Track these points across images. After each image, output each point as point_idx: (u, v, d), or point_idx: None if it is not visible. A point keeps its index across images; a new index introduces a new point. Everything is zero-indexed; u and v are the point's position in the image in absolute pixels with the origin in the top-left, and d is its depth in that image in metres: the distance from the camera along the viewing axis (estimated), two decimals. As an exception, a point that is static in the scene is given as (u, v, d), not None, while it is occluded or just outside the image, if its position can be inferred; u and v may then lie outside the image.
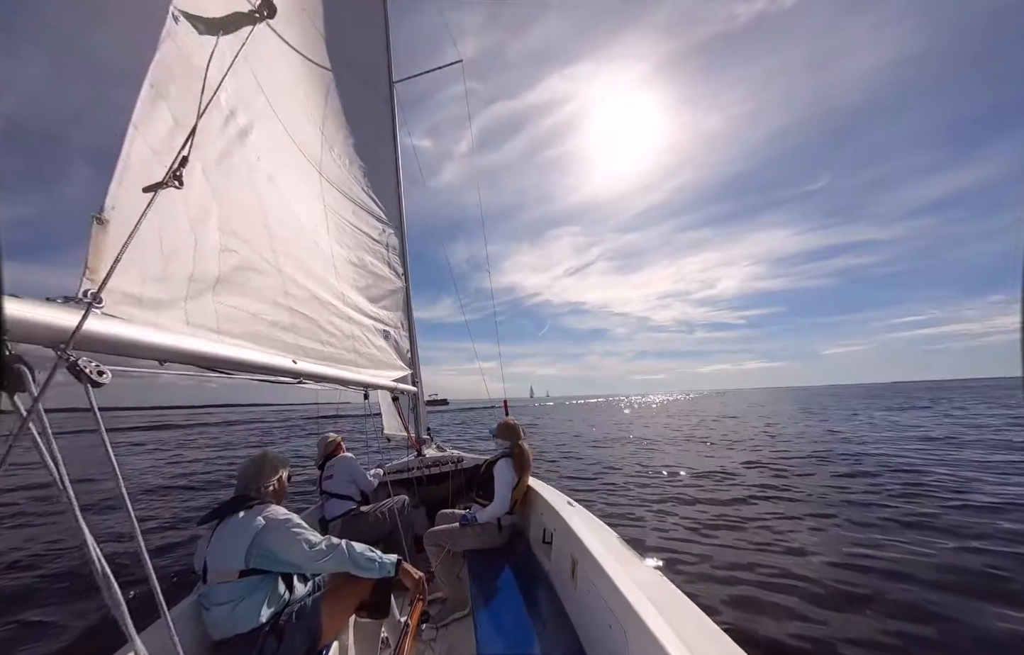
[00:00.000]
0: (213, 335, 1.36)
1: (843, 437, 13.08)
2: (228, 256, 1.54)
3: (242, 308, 1.57)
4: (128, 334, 0.93)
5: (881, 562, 4.04)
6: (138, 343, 0.96)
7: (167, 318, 1.19)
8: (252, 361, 1.37)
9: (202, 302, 1.35)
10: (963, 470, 7.64)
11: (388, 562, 1.79)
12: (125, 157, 1.10)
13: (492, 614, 2.04)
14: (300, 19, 2.89)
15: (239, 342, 1.48)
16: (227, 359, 1.26)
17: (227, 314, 1.47)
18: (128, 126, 1.15)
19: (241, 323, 1.55)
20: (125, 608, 0.93)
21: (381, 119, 4.21)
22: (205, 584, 1.60)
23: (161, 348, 1.02)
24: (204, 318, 1.35)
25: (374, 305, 3.36)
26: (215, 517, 1.70)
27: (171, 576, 4.28)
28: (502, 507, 2.72)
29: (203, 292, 1.36)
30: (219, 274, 1.46)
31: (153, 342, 1.00)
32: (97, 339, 0.85)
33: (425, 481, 4.00)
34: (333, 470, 3.26)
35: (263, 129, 2.11)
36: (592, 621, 1.76)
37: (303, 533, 1.66)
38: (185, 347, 1.10)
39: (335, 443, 3.44)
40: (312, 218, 2.61)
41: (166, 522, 6.60)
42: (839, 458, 9.48)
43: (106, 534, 5.85)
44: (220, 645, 1.58)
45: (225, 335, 1.42)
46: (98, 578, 0.89)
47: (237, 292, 1.56)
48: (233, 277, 1.55)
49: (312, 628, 1.68)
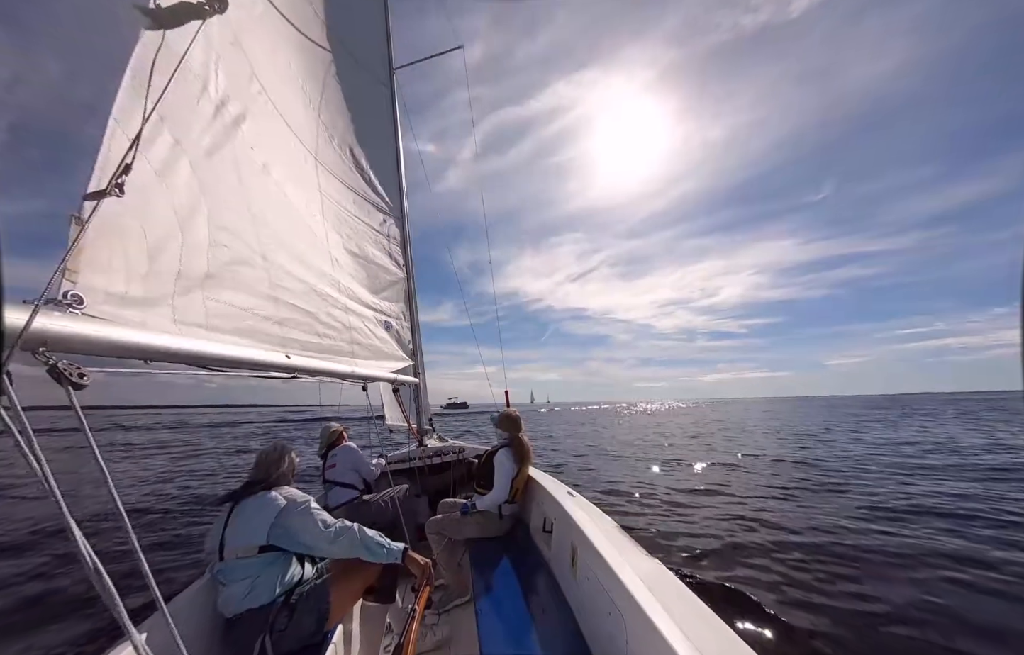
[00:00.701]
0: (202, 332, 1.35)
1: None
2: (218, 251, 1.52)
3: (233, 303, 1.56)
4: (108, 334, 0.92)
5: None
6: (120, 343, 0.95)
7: (153, 316, 1.18)
8: (243, 358, 1.36)
9: (190, 299, 1.34)
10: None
11: (396, 548, 1.84)
12: (105, 153, 1.08)
13: (493, 601, 2.06)
14: (298, 2, 2.82)
15: (230, 338, 1.47)
16: (216, 356, 1.25)
17: (217, 310, 1.45)
18: (109, 119, 1.12)
19: (232, 319, 1.54)
20: (119, 601, 0.94)
21: (382, 107, 4.14)
22: (222, 560, 1.66)
23: (144, 347, 1.01)
24: (193, 315, 1.34)
25: (375, 296, 3.35)
26: (231, 499, 1.77)
27: (171, 567, 4.38)
28: (501, 495, 2.74)
29: (191, 289, 1.35)
30: (208, 270, 1.45)
31: (136, 342, 0.99)
32: (73, 340, 0.83)
33: (427, 471, 4.03)
34: (336, 459, 3.30)
35: (258, 118, 2.08)
36: (591, 609, 1.78)
37: (319, 514, 1.74)
38: (170, 346, 1.08)
39: (338, 432, 3.47)
40: (310, 208, 2.58)
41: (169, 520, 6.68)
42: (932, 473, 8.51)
43: (107, 537, 5.64)
44: (233, 621, 1.63)
45: (215, 332, 1.41)
46: (89, 572, 0.90)
47: (228, 287, 1.55)
48: (223, 272, 1.53)
49: (321, 608, 1.74)
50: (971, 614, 3.31)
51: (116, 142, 1.10)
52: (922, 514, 5.83)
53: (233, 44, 1.97)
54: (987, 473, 8.52)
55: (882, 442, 14.48)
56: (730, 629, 1.31)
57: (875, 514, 5.86)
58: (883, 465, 9.75)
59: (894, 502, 6.42)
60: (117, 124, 1.13)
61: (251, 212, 1.82)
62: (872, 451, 12.20)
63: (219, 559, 1.66)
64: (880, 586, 3.76)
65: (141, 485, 9.35)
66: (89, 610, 3.60)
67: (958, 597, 3.57)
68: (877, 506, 6.23)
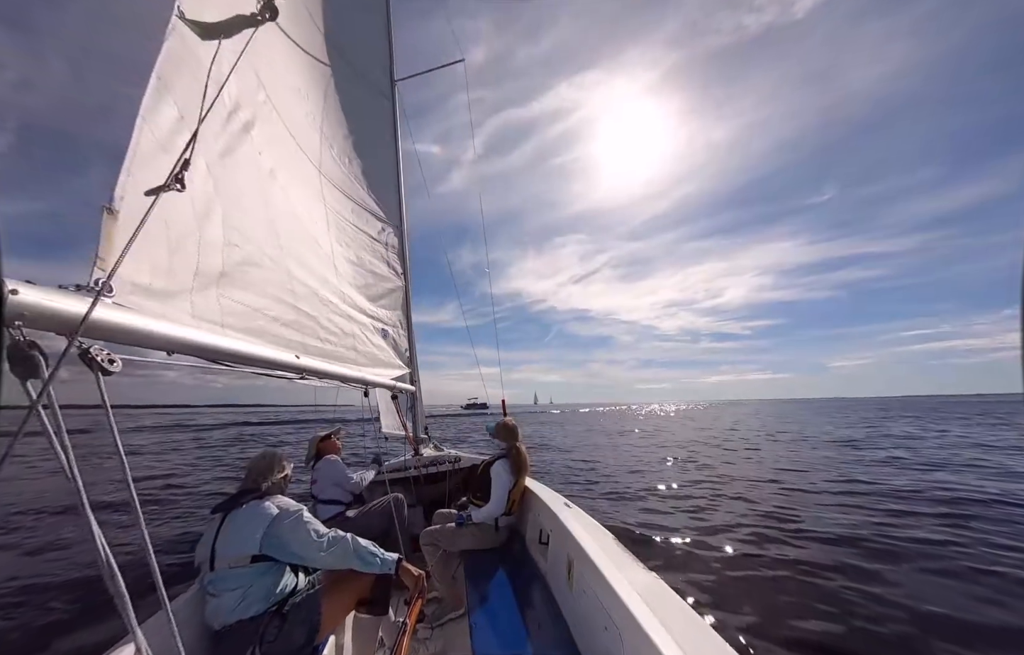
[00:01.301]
0: (217, 328, 1.36)
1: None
2: (231, 251, 1.54)
3: (245, 303, 1.57)
4: (137, 323, 0.93)
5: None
6: (147, 332, 0.96)
7: (174, 310, 1.19)
8: (256, 355, 1.38)
9: (207, 295, 1.35)
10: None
11: (390, 559, 1.82)
12: (134, 148, 1.10)
13: (487, 614, 2.04)
14: (301, 15, 2.89)
15: (242, 336, 1.48)
16: (232, 352, 1.26)
17: (231, 308, 1.47)
18: (136, 117, 1.15)
19: (244, 317, 1.55)
20: (128, 599, 0.93)
21: (382, 118, 4.21)
22: (212, 571, 1.62)
23: (169, 338, 1.02)
24: (209, 311, 1.35)
25: (373, 304, 3.36)
26: (222, 509, 1.74)
27: (174, 568, 4.24)
28: (497, 509, 2.71)
29: (207, 286, 1.36)
30: (223, 268, 1.46)
31: (161, 332, 1.00)
32: (107, 327, 0.85)
33: (422, 480, 3.98)
34: (317, 475, 3.21)
35: (264, 125, 2.11)
36: (587, 622, 1.76)
37: (312, 524, 1.72)
38: (192, 339, 1.10)
39: (325, 440, 3.38)
40: (312, 216, 2.60)
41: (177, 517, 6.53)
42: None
43: (116, 527, 5.78)
44: (222, 632, 1.59)
45: (229, 329, 1.42)
46: (103, 569, 0.89)
47: (240, 287, 1.56)
48: (236, 272, 1.55)
49: (313, 619, 1.70)
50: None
51: (144, 139, 1.13)
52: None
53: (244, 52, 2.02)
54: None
55: (960, 443, 13.08)
56: (728, 645, 1.32)
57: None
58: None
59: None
60: (144, 123, 1.16)
61: (260, 215, 1.84)
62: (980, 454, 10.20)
63: (210, 569, 1.63)
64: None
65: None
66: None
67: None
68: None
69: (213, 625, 1.61)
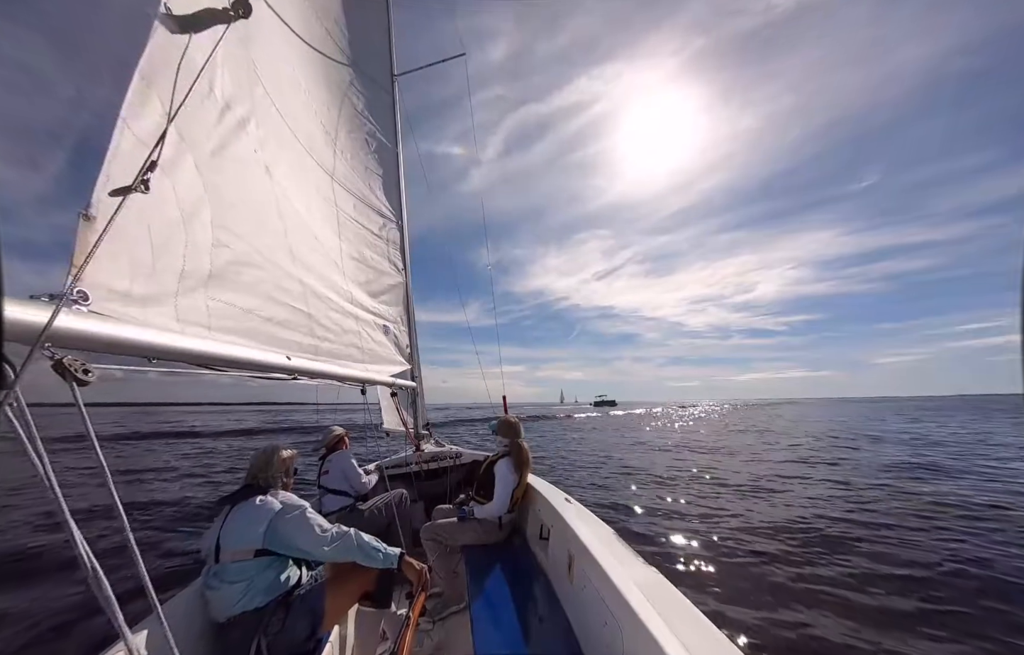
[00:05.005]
0: (204, 332, 1.35)
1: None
2: (221, 251, 1.53)
3: (235, 304, 1.56)
4: (111, 331, 0.92)
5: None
6: (123, 340, 0.95)
7: (156, 315, 1.18)
8: (244, 358, 1.37)
9: (193, 298, 1.34)
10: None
11: (392, 554, 1.84)
12: (113, 151, 1.08)
13: (488, 609, 2.05)
14: (302, 9, 2.86)
15: (231, 339, 1.47)
16: (217, 356, 1.25)
17: (219, 310, 1.46)
18: (117, 119, 1.13)
19: (234, 319, 1.54)
20: (116, 603, 0.93)
21: (383, 113, 4.18)
22: (217, 563, 1.65)
23: (147, 345, 1.01)
24: (195, 314, 1.34)
25: (374, 300, 3.35)
26: (227, 503, 1.76)
27: (165, 570, 4.31)
28: (500, 508, 2.72)
29: (194, 288, 1.35)
30: (211, 270, 1.45)
31: (139, 340, 0.99)
32: (76, 336, 0.83)
33: (424, 476, 4.00)
34: (330, 466, 3.27)
35: (261, 121, 2.09)
36: (588, 617, 1.77)
37: (315, 519, 1.74)
38: (172, 344, 1.08)
39: (338, 437, 3.44)
40: (311, 211, 2.59)
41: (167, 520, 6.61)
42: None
43: (103, 538, 5.45)
44: (225, 625, 1.61)
45: (217, 332, 1.41)
46: (87, 572, 0.89)
47: (230, 288, 1.55)
48: (226, 272, 1.54)
49: (316, 612, 1.73)
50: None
51: (125, 140, 1.11)
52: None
53: (238, 47, 1.99)
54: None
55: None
56: (727, 639, 1.30)
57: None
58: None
59: None
60: (125, 123, 1.14)
61: (255, 213, 1.82)
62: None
63: (215, 561, 1.65)
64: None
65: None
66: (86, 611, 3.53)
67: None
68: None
69: (218, 617, 1.63)
